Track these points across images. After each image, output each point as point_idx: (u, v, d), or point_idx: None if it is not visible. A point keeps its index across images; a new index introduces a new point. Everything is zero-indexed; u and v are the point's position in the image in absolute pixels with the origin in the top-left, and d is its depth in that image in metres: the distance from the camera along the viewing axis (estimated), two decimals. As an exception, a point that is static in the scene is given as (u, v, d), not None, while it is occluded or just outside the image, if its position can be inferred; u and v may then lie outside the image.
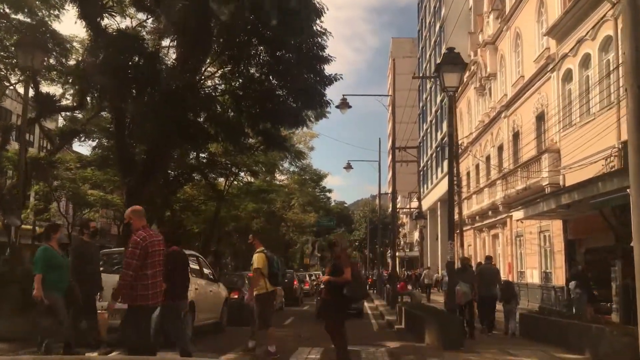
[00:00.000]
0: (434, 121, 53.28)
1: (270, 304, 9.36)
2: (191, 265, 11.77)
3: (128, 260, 6.34)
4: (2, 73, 23.37)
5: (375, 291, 40.88)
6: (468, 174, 36.81)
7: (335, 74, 16.70)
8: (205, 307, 11.90)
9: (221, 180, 30.56)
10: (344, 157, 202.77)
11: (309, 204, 52.11)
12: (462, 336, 11.09)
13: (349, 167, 37.42)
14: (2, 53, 20.63)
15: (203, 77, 17.18)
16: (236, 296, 15.87)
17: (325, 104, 16.95)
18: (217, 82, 17.89)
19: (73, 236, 29.24)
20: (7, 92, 28.11)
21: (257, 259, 9.19)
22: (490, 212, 30.84)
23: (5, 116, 35.55)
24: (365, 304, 30.21)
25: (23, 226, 33.27)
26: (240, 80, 17.20)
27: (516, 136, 27.33)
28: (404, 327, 15.57)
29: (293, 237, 58.59)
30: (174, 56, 17.32)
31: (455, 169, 19.33)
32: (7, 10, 19.47)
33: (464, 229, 27.31)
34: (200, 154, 23.03)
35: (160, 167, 16.02)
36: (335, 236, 9.32)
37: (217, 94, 17.40)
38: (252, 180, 31.76)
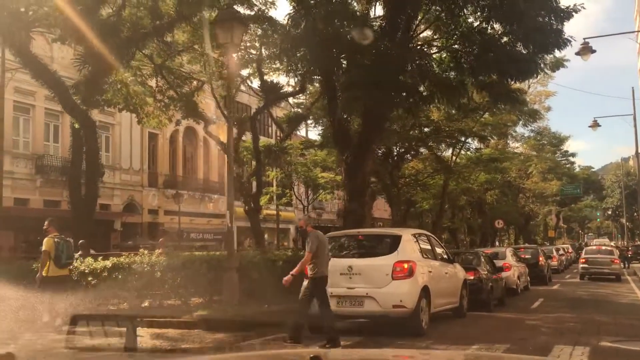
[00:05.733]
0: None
1: (59, 288, 9.31)
2: (421, 245, 10.41)
3: None
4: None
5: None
6: None
7: (575, 5, 13.56)
8: (441, 291, 10.57)
9: (448, 153, 28.55)
10: (586, 117, 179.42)
11: (549, 171, 46.88)
12: None
13: (595, 125, 32.37)
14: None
15: (415, 35, 15.44)
16: (472, 277, 14.04)
17: (563, 43, 13.89)
18: (431, 38, 16.00)
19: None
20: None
21: (45, 243, 9.73)
22: None
23: (243, 110, 38.22)
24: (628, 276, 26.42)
25: (267, 211, 35.65)
26: (457, 33, 15.06)
27: None
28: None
29: (534, 209, 53.65)
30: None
31: None
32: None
33: None
34: (423, 125, 21.32)
35: (376, 139, 14.83)
36: None
37: (432, 51, 15.53)
38: (482, 147, 28.99)
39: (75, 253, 11.39)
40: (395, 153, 23.74)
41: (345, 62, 14.44)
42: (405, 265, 9.07)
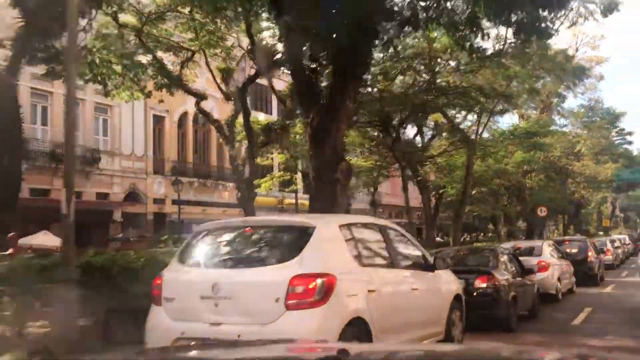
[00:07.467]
0: None
1: None
2: (359, 244, 6.04)
3: None
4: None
5: None
6: None
7: None
8: (398, 322, 6.01)
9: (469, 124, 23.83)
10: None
11: (602, 152, 41.21)
12: None
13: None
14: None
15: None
16: (484, 284, 9.88)
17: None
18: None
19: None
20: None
21: None
22: None
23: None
24: None
25: (265, 199, 32.04)
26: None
27: None
28: None
29: (585, 195, 47.97)
30: None
31: None
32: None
33: None
34: (428, 82, 16.65)
35: (351, 92, 10.63)
36: None
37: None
38: (510, 112, 23.71)
39: None
40: (396, 121, 19.13)
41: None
42: (312, 284, 4.82)
